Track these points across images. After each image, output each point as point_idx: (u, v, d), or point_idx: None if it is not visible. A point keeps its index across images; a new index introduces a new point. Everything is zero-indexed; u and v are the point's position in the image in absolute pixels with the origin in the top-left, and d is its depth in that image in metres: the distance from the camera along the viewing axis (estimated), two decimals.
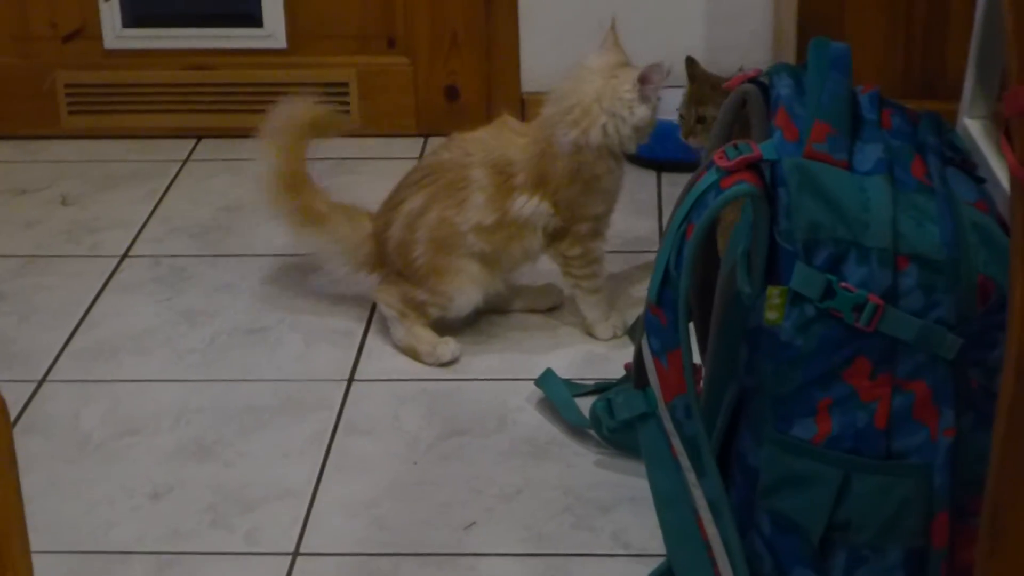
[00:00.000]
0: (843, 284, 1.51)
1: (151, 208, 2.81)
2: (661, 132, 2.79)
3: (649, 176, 2.86)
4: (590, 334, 2.32)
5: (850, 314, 1.51)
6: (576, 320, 2.37)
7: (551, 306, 2.39)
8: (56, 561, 1.91)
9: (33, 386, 2.28)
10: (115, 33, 3.03)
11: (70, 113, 3.08)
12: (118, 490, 2.05)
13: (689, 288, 1.55)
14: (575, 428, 2.10)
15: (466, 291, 2.27)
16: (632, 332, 2.24)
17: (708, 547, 1.60)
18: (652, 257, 2.50)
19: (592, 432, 2.07)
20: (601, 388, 2.17)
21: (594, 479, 2.02)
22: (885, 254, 1.51)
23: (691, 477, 1.61)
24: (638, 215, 2.72)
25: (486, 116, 2.92)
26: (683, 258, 1.54)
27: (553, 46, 2.94)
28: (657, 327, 1.59)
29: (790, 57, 2.70)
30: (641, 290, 2.42)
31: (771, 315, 1.54)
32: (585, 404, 2.14)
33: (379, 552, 1.91)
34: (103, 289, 2.54)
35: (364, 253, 2.34)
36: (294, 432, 2.15)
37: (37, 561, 1.39)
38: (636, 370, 1.65)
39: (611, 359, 2.27)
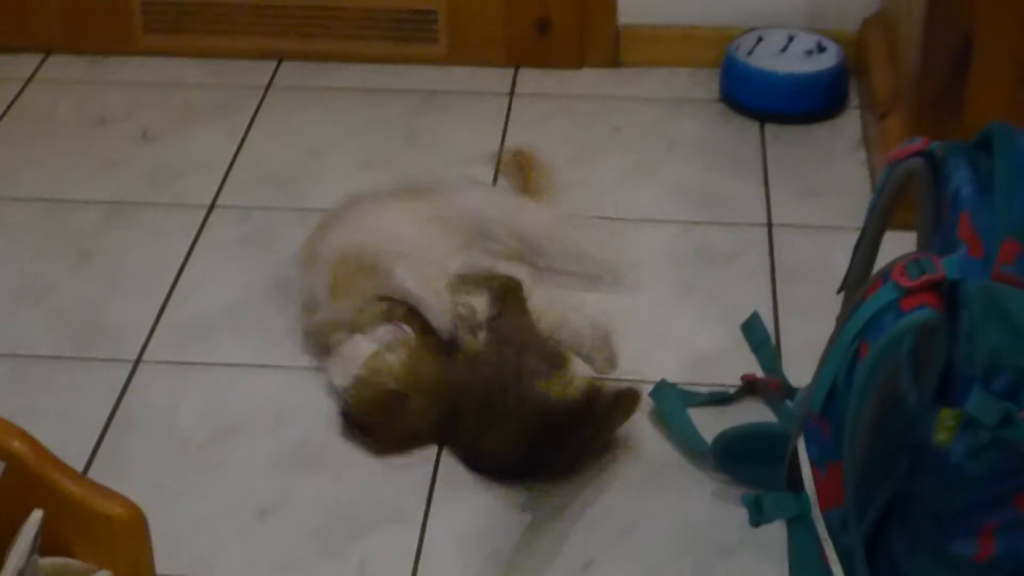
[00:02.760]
0: (1022, 414, 1.44)
1: (234, 149, 2.72)
2: (765, 81, 2.70)
3: (751, 128, 2.75)
4: None
5: None
6: (685, 315, 2.30)
7: None
8: None
9: (128, 368, 2.22)
10: None
11: (146, 32, 2.96)
12: (222, 505, 2.00)
13: (861, 413, 1.47)
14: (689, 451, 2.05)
15: None
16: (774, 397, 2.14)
17: None
18: (756, 230, 2.45)
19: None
20: (717, 399, 2.12)
21: (713, 514, 1.97)
22: None
23: None
24: (740, 175, 2.62)
25: (579, 50, 2.83)
26: (855, 378, 1.47)
27: None
28: (818, 436, 1.53)
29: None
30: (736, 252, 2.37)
31: (942, 436, 1.48)
32: (697, 416, 2.09)
33: None
34: (192, 250, 2.47)
35: None
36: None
37: None
38: (789, 472, 1.59)
39: (724, 362, 2.20)
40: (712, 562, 1.90)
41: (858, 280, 1.67)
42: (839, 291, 1.70)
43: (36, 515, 1.32)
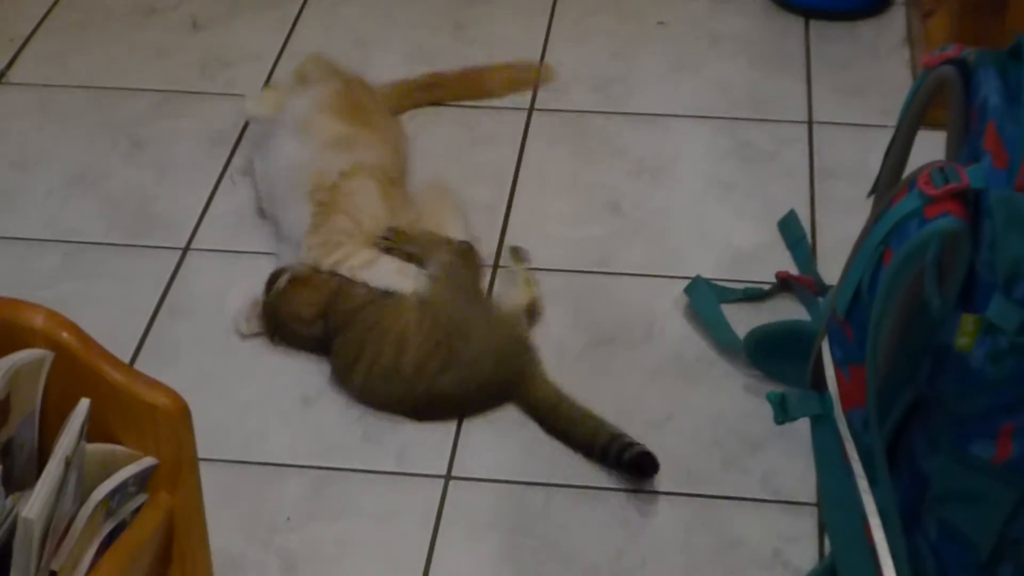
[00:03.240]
0: None
1: (283, 39, 2.75)
2: None
3: (796, 24, 2.76)
4: None
5: None
6: (723, 212, 2.33)
7: None
8: (211, 470, 1.92)
9: (178, 255, 2.28)
10: None
11: None
12: (267, 393, 2.06)
13: (883, 318, 1.50)
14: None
15: None
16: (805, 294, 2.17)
17: (874, 552, 1.60)
18: (796, 127, 2.47)
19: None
20: (751, 295, 2.15)
21: (743, 408, 2.01)
22: None
23: (863, 484, 1.59)
24: (782, 72, 2.63)
25: None
26: (878, 284, 1.50)
27: None
28: (842, 339, 1.56)
29: None
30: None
31: (962, 341, 1.51)
32: (731, 312, 2.12)
33: (531, 481, 1.92)
34: (239, 140, 2.50)
35: None
36: None
37: None
38: (813, 373, 1.62)
39: (760, 259, 2.23)
40: (742, 455, 1.95)
41: (888, 184, 1.70)
42: (869, 195, 1.73)
43: (83, 404, 1.37)
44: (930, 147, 1.62)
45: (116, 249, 2.29)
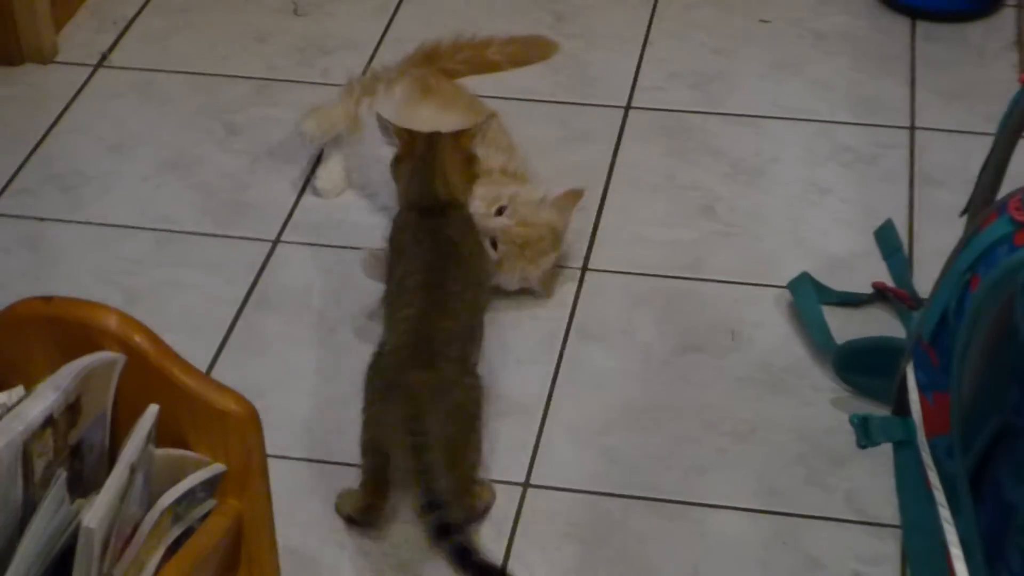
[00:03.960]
0: None
1: (383, 27, 2.74)
2: None
3: (902, 24, 2.70)
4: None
5: None
6: (819, 216, 2.29)
7: None
8: (289, 468, 1.93)
9: (268, 247, 2.28)
10: None
11: None
12: (352, 390, 2.04)
13: (970, 345, 1.46)
14: (813, 353, 2.05)
15: None
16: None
17: None
18: (898, 132, 2.42)
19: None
20: (847, 300, 2.11)
21: (830, 423, 1.98)
22: None
23: (945, 512, 1.56)
24: (886, 73, 2.58)
25: None
26: (965, 310, 1.46)
27: None
28: (926, 364, 1.53)
29: None
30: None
31: None
32: (829, 314, 2.08)
33: (610, 492, 1.90)
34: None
35: None
36: (527, 332, 2.12)
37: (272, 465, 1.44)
38: (898, 397, 1.59)
39: (854, 268, 2.19)
40: (825, 472, 1.92)
41: (983, 202, 1.66)
42: (962, 213, 1.69)
43: (152, 410, 1.37)
44: None
45: (207, 239, 2.29)
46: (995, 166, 1.65)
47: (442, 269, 1.92)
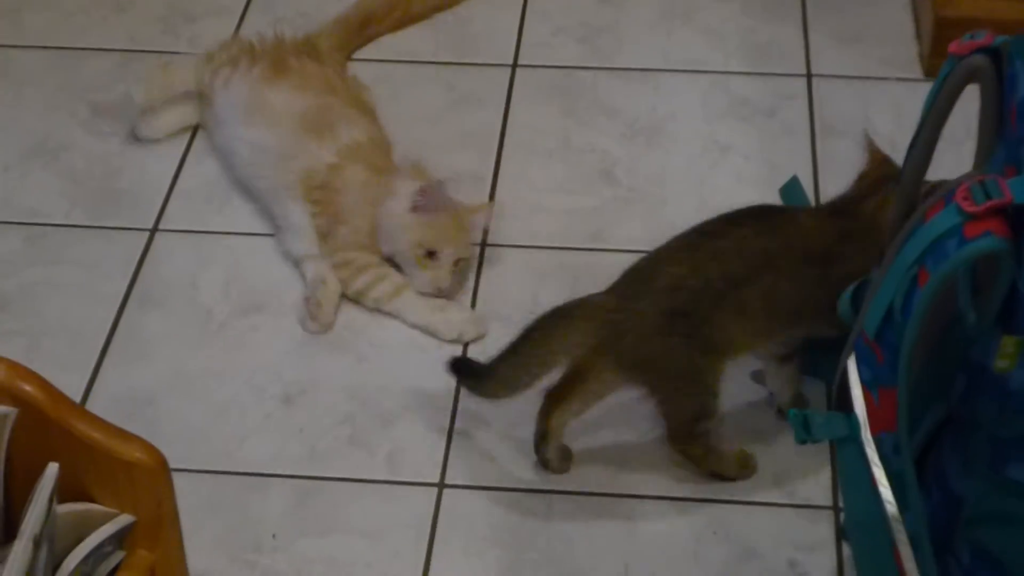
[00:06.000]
0: None
1: None
2: None
3: None
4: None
5: None
6: (721, 175, 2.21)
7: None
8: (189, 481, 1.82)
9: (145, 237, 2.15)
10: None
11: None
12: (246, 391, 1.94)
13: (917, 340, 1.39)
14: None
15: None
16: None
17: None
18: (795, 81, 2.34)
19: None
20: None
21: (750, 402, 1.91)
22: None
23: (892, 509, 1.50)
24: (778, 18, 2.50)
25: None
26: (912, 306, 1.38)
27: None
28: (871, 360, 1.46)
29: None
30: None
31: (1002, 363, 1.40)
32: None
33: (530, 488, 1.82)
34: None
35: None
36: None
37: None
38: (839, 392, 1.52)
39: None
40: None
41: (913, 182, 1.58)
42: (893, 190, 1.61)
43: (51, 470, 1.26)
44: None
45: (79, 231, 2.16)
46: (925, 142, 1.56)
47: None
